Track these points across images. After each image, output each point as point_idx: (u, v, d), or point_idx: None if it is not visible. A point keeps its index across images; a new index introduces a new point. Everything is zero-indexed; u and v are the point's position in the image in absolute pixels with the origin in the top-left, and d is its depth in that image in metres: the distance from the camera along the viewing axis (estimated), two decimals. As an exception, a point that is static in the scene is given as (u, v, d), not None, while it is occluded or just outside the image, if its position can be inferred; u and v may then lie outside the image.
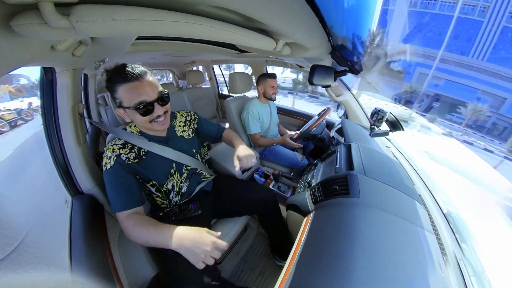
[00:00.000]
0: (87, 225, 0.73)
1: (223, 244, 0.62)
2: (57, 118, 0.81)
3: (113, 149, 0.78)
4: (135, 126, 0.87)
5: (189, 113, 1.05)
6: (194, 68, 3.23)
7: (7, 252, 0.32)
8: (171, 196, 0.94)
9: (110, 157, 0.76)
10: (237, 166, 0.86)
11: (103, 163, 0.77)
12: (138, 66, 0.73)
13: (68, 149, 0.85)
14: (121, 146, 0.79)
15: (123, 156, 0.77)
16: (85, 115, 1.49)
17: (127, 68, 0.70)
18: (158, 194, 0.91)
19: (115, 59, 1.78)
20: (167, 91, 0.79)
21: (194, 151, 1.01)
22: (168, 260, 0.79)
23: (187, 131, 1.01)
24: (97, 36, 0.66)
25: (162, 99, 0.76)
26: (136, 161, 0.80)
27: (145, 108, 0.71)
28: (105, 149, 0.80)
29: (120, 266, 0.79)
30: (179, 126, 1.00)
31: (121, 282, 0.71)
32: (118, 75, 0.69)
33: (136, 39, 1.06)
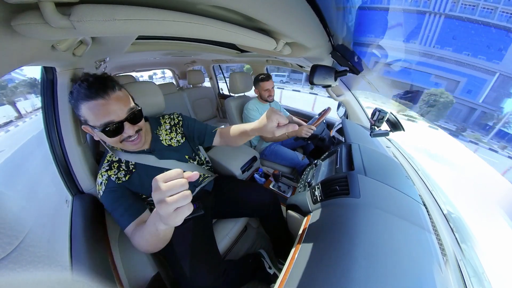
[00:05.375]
0: (88, 224, 0.73)
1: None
2: (57, 117, 0.81)
3: (101, 173, 0.75)
4: None
5: (172, 117, 0.95)
6: (194, 68, 3.23)
7: (8, 251, 0.32)
8: None
9: (101, 183, 0.73)
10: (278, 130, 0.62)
11: (97, 190, 0.74)
12: (102, 77, 0.62)
13: (68, 149, 0.85)
14: (108, 168, 0.76)
15: (112, 177, 0.75)
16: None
17: (90, 79, 0.59)
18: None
19: (116, 58, 1.78)
20: (139, 107, 0.70)
21: (186, 157, 0.95)
22: (171, 257, 0.79)
23: (175, 137, 0.93)
24: (98, 36, 0.66)
25: (134, 118, 0.67)
26: (127, 177, 0.77)
27: (113, 130, 0.63)
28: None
29: (121, 265, 0.79)
30: (166, 134, 0.91)
31: (121, 281, 0.71)
32: (81, 90, 0.58)
33: (137, 38, 1.07)
